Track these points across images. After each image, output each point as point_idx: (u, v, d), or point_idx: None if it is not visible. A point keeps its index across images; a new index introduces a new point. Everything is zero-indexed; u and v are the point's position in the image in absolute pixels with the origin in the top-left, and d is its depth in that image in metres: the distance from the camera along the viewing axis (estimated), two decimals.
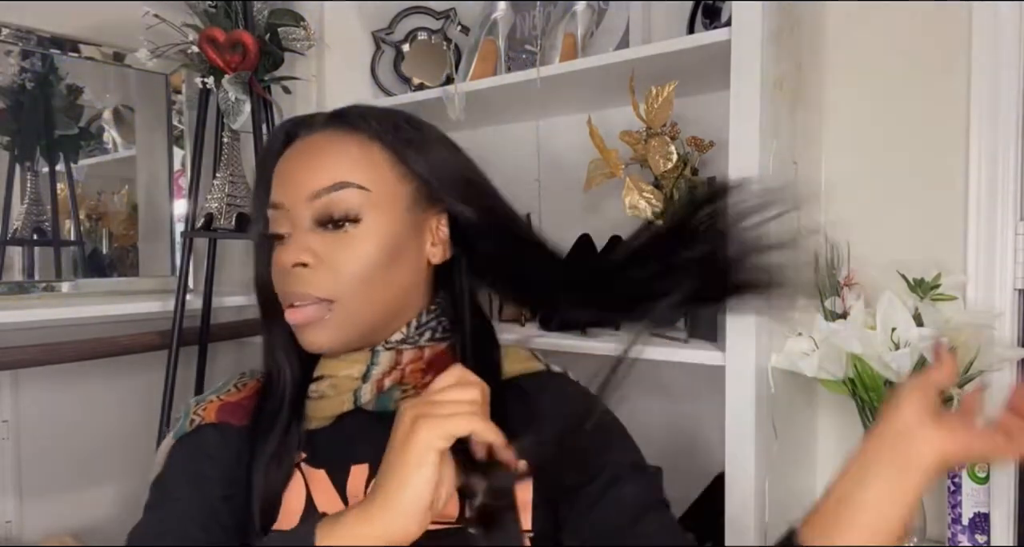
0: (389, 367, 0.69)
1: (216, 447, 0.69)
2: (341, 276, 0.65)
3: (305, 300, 0.65)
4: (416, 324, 0.71)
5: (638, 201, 1.11)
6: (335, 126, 0.70)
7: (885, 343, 0.99)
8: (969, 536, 1.00)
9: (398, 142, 0.69)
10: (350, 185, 0.66)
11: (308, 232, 0.66)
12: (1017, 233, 1.05)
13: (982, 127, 1.07)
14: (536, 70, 1.22)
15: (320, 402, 0.69)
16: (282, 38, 1.37)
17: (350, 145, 0.68)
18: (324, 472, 0.67)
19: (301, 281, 0.65)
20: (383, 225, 0.67)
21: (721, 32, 1.03)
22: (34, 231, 1.36)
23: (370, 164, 0.67)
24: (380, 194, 0.67)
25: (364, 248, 0.66)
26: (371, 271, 0.66)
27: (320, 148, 0.68)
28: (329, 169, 0.66)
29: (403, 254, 0.68)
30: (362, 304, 0.66)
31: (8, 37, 1.31)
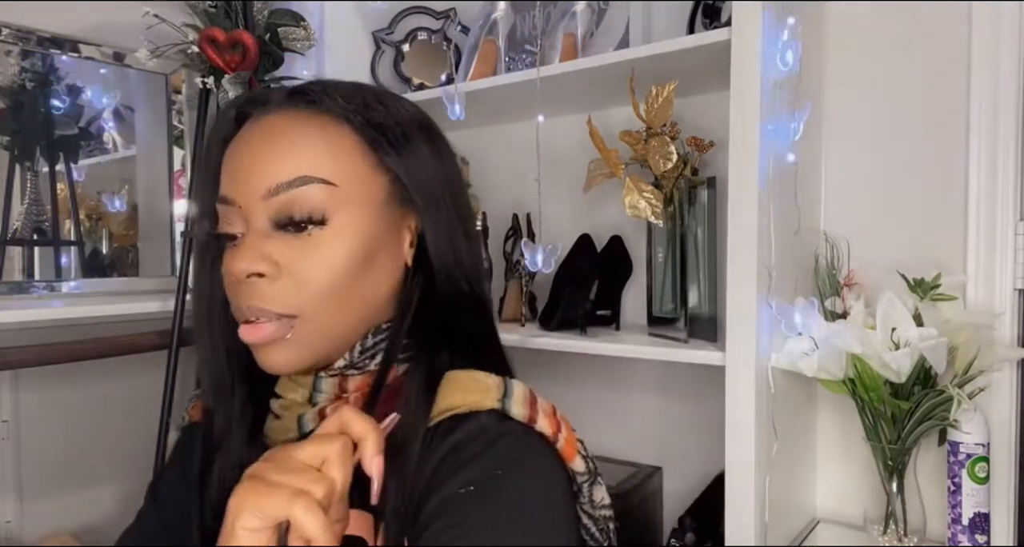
0: (333, 395, 0.60)
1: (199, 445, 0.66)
2: (305, 288, 0.55)
3: (262, 316, 0.55)
4: (360, 348, 0.59)
5: (638, 201, 1.11)
6: (294, 105, 0.58)
7: (885, 343, 0.99)
8: (969, 536, 1.00)
9: (370, 126, 0.58)
10: (313, 180, 0.55)
11: (265, 235, 0.56)
12: (1017, 233, 1.05)
13: (982, 127, 1.07)
14: (536, 70, 1.22)
15: (278, 422, 0.62)
16: (282, 38, 1.37)
17: (312, 129, 0.57)
18: None
19: (257, 294, 0.55)
20: (354, 225, 0.56)
21: (721, 32, 1.03)
22: (34, 231, 1.36)
23: (337, 152, 0.57)
24: (350, 189, 0.56)
25: (331, 254, 0.56)
26: (340, 280, 0.56)
27: (277, 133, 0.57)
28: (289, 160, 0.55)
29: (378, 257, 0.58)
30: (329, 319, 0.57)
31: (8, 37, 1.30)
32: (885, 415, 1.03)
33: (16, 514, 1.33)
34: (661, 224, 1.14)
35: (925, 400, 0.99)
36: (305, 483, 0.42)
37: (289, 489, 0.41)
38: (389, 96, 0.63)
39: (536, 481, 0.54)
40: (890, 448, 1.03)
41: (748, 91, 0.99)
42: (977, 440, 1.00)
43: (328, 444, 0.44)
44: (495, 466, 0.53)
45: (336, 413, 0.47)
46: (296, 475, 0.42)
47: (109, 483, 1.47)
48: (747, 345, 0.99)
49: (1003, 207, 1.06)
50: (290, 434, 0.60)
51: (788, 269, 1.07)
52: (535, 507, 0.53)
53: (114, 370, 1.44)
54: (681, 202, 1.15)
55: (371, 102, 0.60)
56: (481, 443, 0.54)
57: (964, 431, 0.99)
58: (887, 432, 1.03)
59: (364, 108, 0.59)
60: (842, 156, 1.20)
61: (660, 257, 1.21)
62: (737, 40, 1.00)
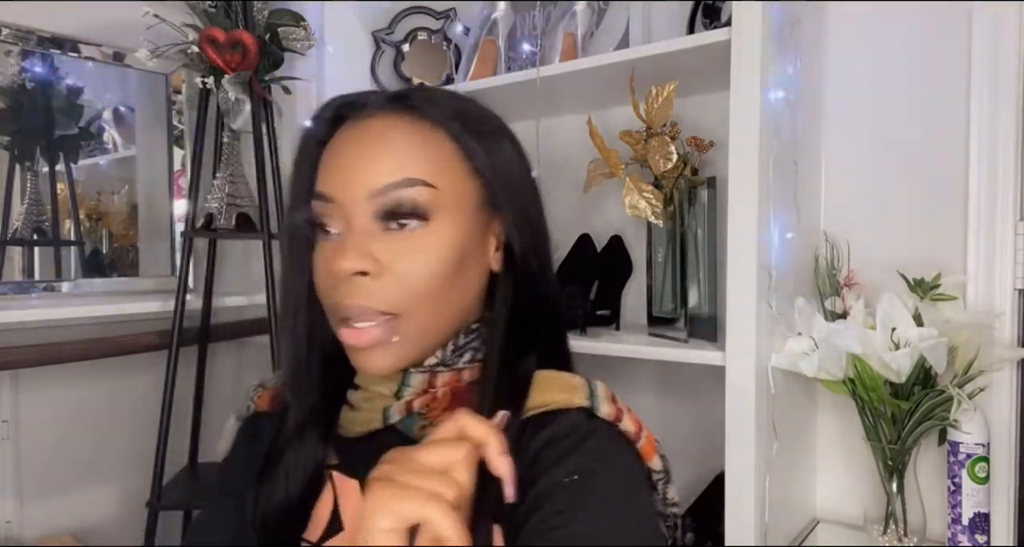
0: (421, 389, 0.62)
1: (265, 436, 0.66)
2: (406, 286, 0.57)
3: (365, 315, 0.57)
4: (453, 346, 0.62)
5: (638, 201, 1.11)
6: (396, 110, 0.61)
7: (885, 343, 0.99)
8: (969, 536, 1.00)
9: (466, 133, 0.61)
10: (417, 182, 0.57)
11: (367, 234, 0.57)
12: (1017, 233, 1.05)
13: (982, 127, 1.07)
14: (536, 70, 1.22)
15: (355, 414, 0.64)
16: (282, 38, 1.37)
17: (414, 135, 0.59)
18: (357, 484, 0.62)
19: (361, 292, 0.57)
20: (451, 227, 0.59)
21: (721, 32, 1.03)
22: (34, 231, 1.36)
23: (436, 157, 0.59)
24: (448, 192, 0.59)
25: (431, 253, 0.58)
26: (438, 280, 0.58)
27: (381, 136, 0.59)
28: (395, 162, 0.57)
29: (469, 259, 0.61)
30: (427, 318, 0.58)
31: (8, 37, 1.31)
32: (885, 415, 1.03)
33: (16, 514, 1.33)
34: (661, 224, 1.14)
35: (925, 400, 0.99)
36: (437, 486, 0.43)
37: (423, 492, 0.43)
38: (477, 105, 0.65)
39: (627, 476, 0.58)
40: (890, 448, 1.03)
41: (748, 91, 0.99)
42: (977, 440, 1.00)
43: (454, 449, 0.45)
44: (591, 460, 0.56)
45: (453, 417, 0.47)
46: (427, 478, 0.43)
47: (109, 483, 1.47)
48: (747, 345, 0.99)
49: (1003, 207, 1.06)
50: (372, 425, 0.62)
51: (788, 269, 1.07)
52: (629, 501, 0.56)
53: (114, 370, 1.44)
54: (681, 202, 1.15)
55: (464, 110, 0.62)
56: (575, 439, 0.57)
57: (964, 431, 0.99)
58: (887, 432, 1.03)
59: (460, 116, 0.61)
60: (842, 156, 1.20)
61: (660, 257, 1.21)
62: (737, 40, 1.00)
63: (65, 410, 1.41)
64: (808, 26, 1.14)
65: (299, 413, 0.64)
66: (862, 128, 1.19)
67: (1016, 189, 1.05)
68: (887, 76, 1.17)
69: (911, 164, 1.15)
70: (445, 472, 0.44)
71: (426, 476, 0.44)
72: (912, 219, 1.15)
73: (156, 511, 1.30)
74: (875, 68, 1.18)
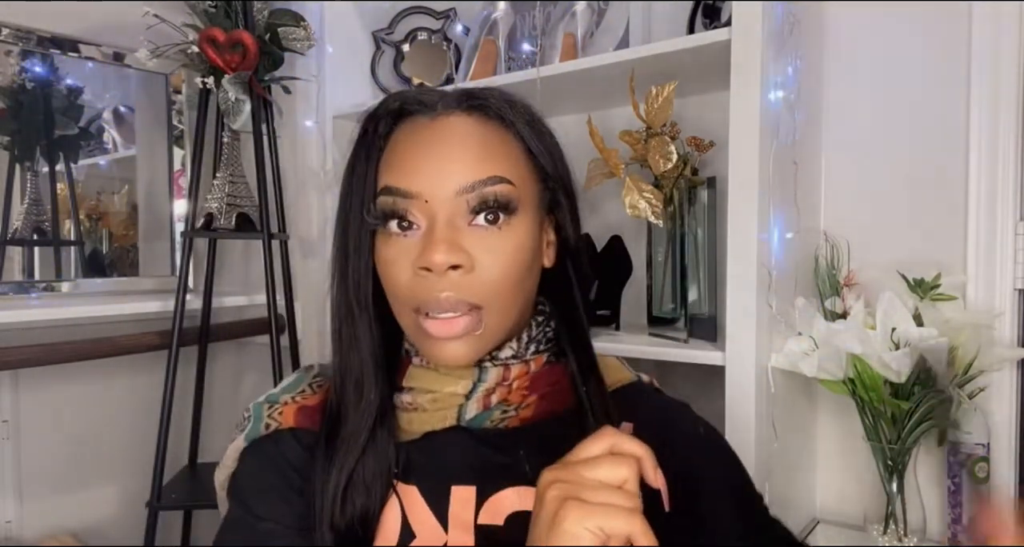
0: (495, 384, 0.63)
1: (297, 456, 0.63)
2: (492, 279, 0.59)
3: (456, 307, 0.58)
4: (527, 338, 0.65)
5: (638, 201, 1.11)
6: (470, 110, 0.62)
7: (885, 343, 0.99)
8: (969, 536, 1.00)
9: (533, 135, 0.63)
10: (503, 179, 0.59)
11: (456, 229, 0.58)
12: (1017, 233, 1.05)
13: (982, 127, 1.07)
14: (536, 70, 1.22)
15: (415, 415, 0.63)
16: (282, 38, 1.37)
17: (490, 133, 0.61)
18: (416, 490, 0.62)
19: (453, 285, 0.57)
20: (526, 223, 0.61)
21: (721, 32, 1.03)
22: (34, 231, 1.36)
23: (513, 157, 0.62)
24: (523, 189, 0.61)
25: (513, 248, 0.60)
26: (518, 273, 0.60)
27: (464, 135, 0.60)
28: (482, 160, 0.59)
29: (535, 255, 0.63)
30: (508, 311, 0.61)
31: (8, 37, 1.31)
32: (885, 415, 1.03)
33: (16, 514, 1.33)
34: (661, 224, 1.14)
35: (925, 400, 0.99)
36: (629, 502, 0.45)
37: (622, 508, 0.45)
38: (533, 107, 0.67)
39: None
40: (890, 448, 1.03)
41: (748, 91, 0.99)
42: (977, 440, 1.00)
43: (623, 465, 0.47)
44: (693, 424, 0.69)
45: (599, 435, 0.49)
46: (616, 495, 0.46)
47: (109, 483, 1.47)
48: (747, 345, 0.99)
49: (1003, 207, 1.06)
50: (445, 424, 0.63)
51: (788, 269, 1.07)
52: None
53: (114, 370, 1.44)
54: (681, 202, 1.15)
55: (528, 111, 0.64)
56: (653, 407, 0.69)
57: (964, 431, 0.99)
58: (887, 432, 1.03)
59: (526, 117, 0.64)
60: (842, 156, 1.20)
61: (660, 257, 1.21)
62: (737, 40, 1.00)
63: (65, 410, 1.41)
64: (808, 26, 1.14)
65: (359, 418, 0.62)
66: (862, 128, 1.19)
67: (1016, 189, 1.05)
68: (887, 76, 1.17)
69: (911, 164, 1.15)
70: (622, 487, 0.46)
71: (612, 492, 0.45)
72: (912, 219, 1.15)
73: (156, 511, 1.30)
74: (875, 68, 1.18)
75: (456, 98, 0.63)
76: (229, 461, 0.65)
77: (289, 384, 0.69)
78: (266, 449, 0.64)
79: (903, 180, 1.15)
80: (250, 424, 0.65)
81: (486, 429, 0.63)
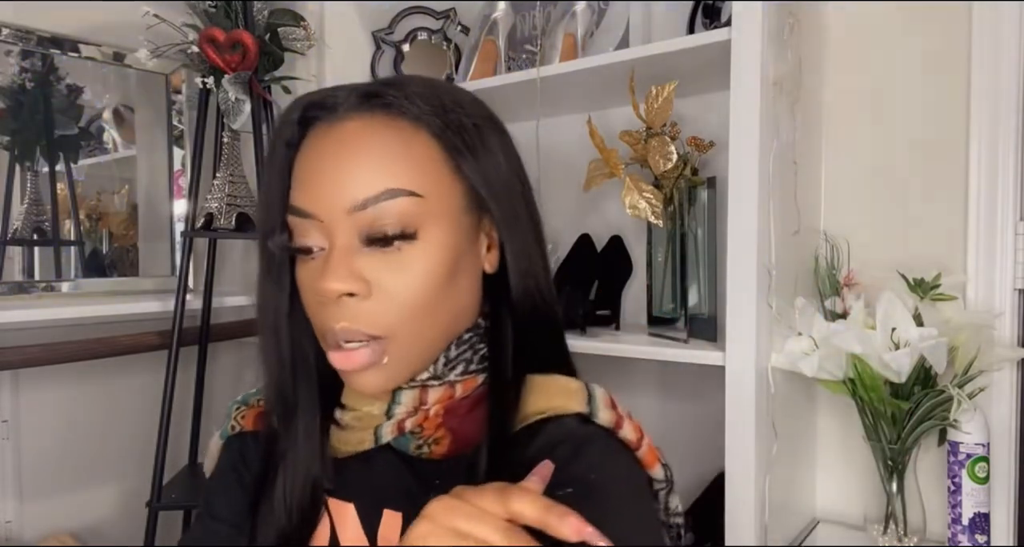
0: (413, 407, 0.58)
1: (254, 458, 0.63)
2: (396, 307, 0.53)
3: (354, 338, 0.53)
4: (444, 359, 0.58)
5: (638, 201, 1.11)
6: (370, 110, 0.55)
7: (885, 343, 0.99)
8: (969, 536, 1.00)
9: (448, 129, 0.55)
10: (401, 192, 0.52)
11: (351, 251, 0.53)
12: (1017, 233, 1.05)
13: (982, 127, 1.07)
14: (536, 70, 1.22)
15: (345, 433, 0.60)
16: (282, 38, 1.37)
17: (392, 137, 0.54)
18: (353, 508, 0.59)
19: (349, 314, 0.53)
20: (440, 238, 0.54)
21: (721, 32, 1.03)
22: (34, 231, 1.36)
23: (419, 161, 0.54)
24: (435, 198, 0.54)
25: (422, 269, 0.53)
26: (430, 296, 0.54)
27: (357, 142, 0.53)
28: (375, 171, 0.52)
29: (462, 267, 0.56)
30: (419, 337, 0.55)
31: (8, 37, 1.30)
32: (885, 415, 1.03)
33: (16, 514, 1.33)
34: (661, 224, 1.14)
35: (925, 400, 0.99)
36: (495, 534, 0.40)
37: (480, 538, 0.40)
38: (462, 94, 0.59)
39: (626, 486, 0.55)
40: (890, 448, 1.03)
41: (748, 91, 0.99)
42: (977, 440, 1.00)
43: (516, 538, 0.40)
44: (585, 470, 0.53)
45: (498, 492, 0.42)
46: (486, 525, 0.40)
47: (109, 483, 1.47)
48: (747, 345, 0.99)
49: (1003, 207, 1.06)
50: (364, 446, 0.59)
51: (788, 269, 1.07)
52: (630, 511, 0.53)
53: (114, 370, 1.44)
54: (681, 202, 1.15)
55: (448, 103, 0.56)
56: (569, 448, 0.54)
57: (964, 431, 0.99)
58: (887, 432, 1.03)
59: (442, 111, 0.56)
60: (842, 156, 1.20)
61: (660, 257, 1.21)
62: (737, 40, 1.00)
63: (65, 410, 1.41)
64: (808, 26, 1.14)
65: (288, 435, 0.60)
66: (862, 128, 1.19)
67: (1016, 189, 1.05)
68: (887, 76, 1.17)
69: (911, 164, 1.15)
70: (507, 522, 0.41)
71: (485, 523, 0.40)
72: (912, 219, 1.15)
73: (156, 511, 1.30)
74: (875, 68, 1.18)
75: (359, 97, 0.56)
76: (210, 455, 0.67)
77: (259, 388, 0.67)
78: (231, 448, 0.65)
79: (903, 180, 1.15)
80: (226, 422, 0.67)
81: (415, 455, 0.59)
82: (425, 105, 0.55)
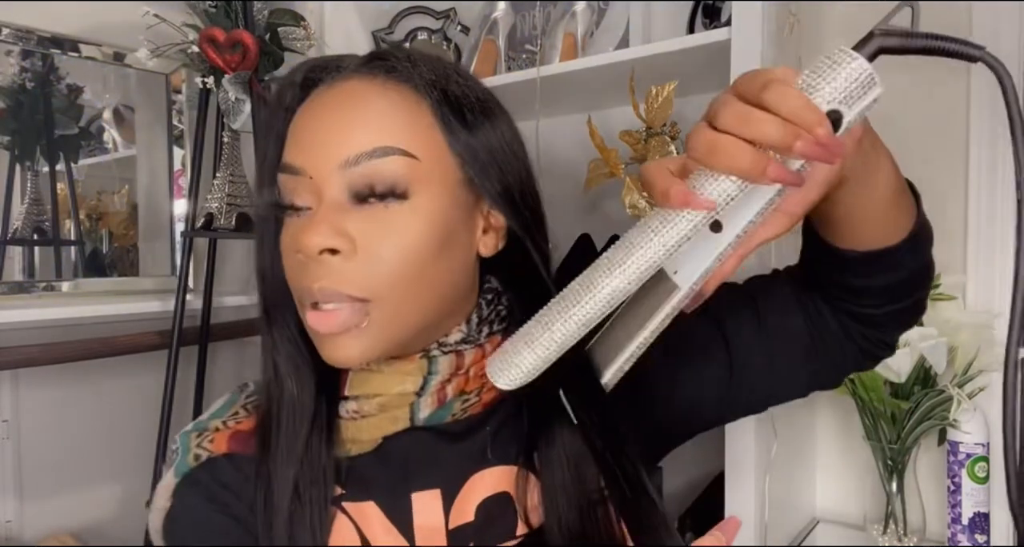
0: (450, 374, 0.55)
1: (235, 480, 0.56)
2: (382, 268, 0.50)
3: (333, 299, 0.50)
4: (477, 319, 0.57)
5: (638, 201, 1.11)
6: (372, 71, 0.54)
7: None
8: (969, 536, 1.00)
9: (446, 103, 0.53)
10: (395, 151, 0.50)
11: (340, 209, 0.51)
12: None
13: (982, 127, 1.07)
14: (536, 70, 1.22)
15: (362, 423, 0.56)
16: (282, 38, 1.37)
17: (392, 97, 0.52)
18: (374, 504, 0.56)
19: (330, 273, 0.50)
20: (432, 203, 0.52)
21: (721, 32, 1.03)
22: (34, 231, 1.36)
23: (418, 125, 0.52)
24: (430, 164, 0.52)
25: (411, 232, 0.51)
26: (419, 261, 0.51)
27: (357, 100, 0.52)
28: (370, 128, 0.51)
29: (455, 240, 0.54)
30: (406, 305, 0.52)
31: (8, 37, 1.30)
32: (885, 415, 1.03)
33: (16, 514, 1.33)
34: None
35: (925, 400, 0.99)
36: None
37: None
38: (465, 74, 0.58)
39: None
40: (890, 448, 1.03)
41: None
42: (977, 440, 1.00)
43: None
44: None
45: None
46: None
47: (109, 483, 1.47)
48: None
49: (1003, 207, 1.05)
50: (399, 427, 0.56)
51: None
52: None
53: (114, 370, 1.44)
54: None
55: (447, 76, 0.55)
56: None
57: (964, 431, 0.99)
58: (887, 432, 1.03)
59: (445, 81, 0.54)
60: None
61: None
62: (737, 40, 1.00)
63: (65, 410, 1.40)
64: (808, 26, 1.14)
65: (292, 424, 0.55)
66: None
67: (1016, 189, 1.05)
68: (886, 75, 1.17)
69: (911, 163, 1.15)
70: None
71: None
72: None
73: None
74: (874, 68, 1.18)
75: (363, 60, 0.55)
76: (160, 501, 0.56)
77: (219, 409, 0.61)
78: (200, 480, 0.56)
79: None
80: (178, 457, 0.57)
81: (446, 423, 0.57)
82: (429, 74, 0.54)
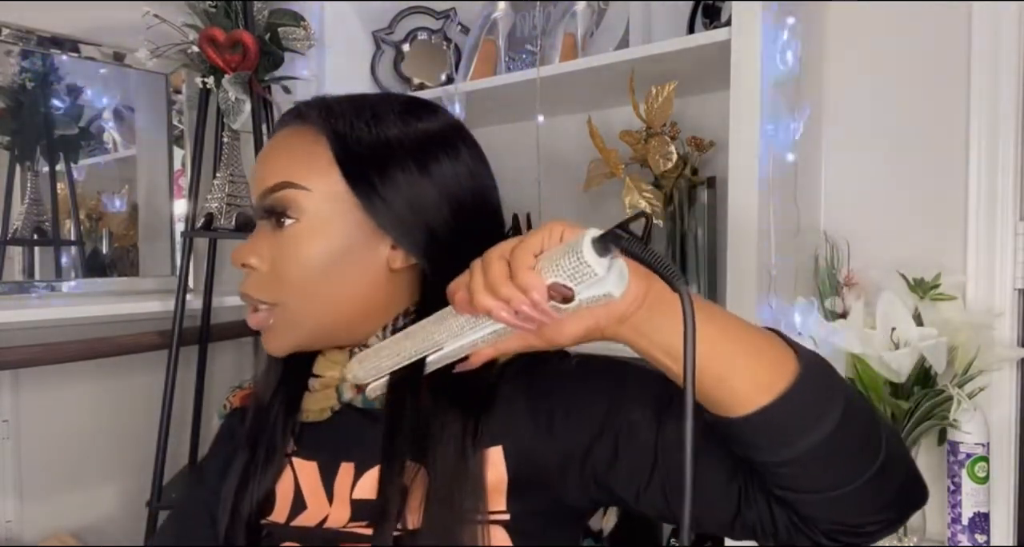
0: None
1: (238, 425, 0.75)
2: (280, 280, 0.64)
3: (254, 303, 0.65)
4: (392, 327, 0.67)
5: (638, 201, 1.11)
6: (298, 119, 0.68)
7: (885, 343, 0.99)
8: (969, 536, 1.00)
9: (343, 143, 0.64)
10: (289, 185, 0.63)
11: (263, 231, 0.66)
12: (1017, 233, 1.05)
13: (982, 127, 1.07)
14: (536, 70, 1.22)
15: (313, 396, 0.70)
16: (282, 38, 1.37)
17: (296, 142, 0.66)
18: (315, 465, 0.68)
19: (248, 283, 0.66)
20: (323, 226, 0.63)
21: (721, 32, 1.03)
22: (34, 231, 1.36)
23: (314, 163, 0.64)
24: (321, 194, 0.63)
25: (304, 251, 0.63)
26: (311, 274, 0.63)
27: (276, 144, 0.67)
28: (275, 167, 0.65)
29: (352, 256, 0.64)
30: (306, 307, 0.64)
31: (8, 37, 1.30)
32: (885, 415, 1.03)
33: (16, 514, 1.33)
34: (661, 224, 1.14)
35: (925, 400, 0.99)
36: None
37: None
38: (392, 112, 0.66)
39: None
40: None
41: (748, 91, 0.99)
42: (977, 440, 1.00)
43: None
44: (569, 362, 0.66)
45: None
46: None
47: (109, 483, 1.47)
48: None
49: (1003, 207, 1.05)
50: (329, 402, 0.68)
51: (788, 269, 1.07)
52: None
53: (114, 370, 1.44)
54: (681, 202, 1.16)
55: (357, 121, 0.65)
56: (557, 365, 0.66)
57: (964, 431, 0.99)
58: None
59: (348, 126, 0.65)
60: (842, 156, 1.20)
61: None
62: (737, 40, 1.00)
63: (65, 410, 1.41)
64: (808, 26, 1.14)
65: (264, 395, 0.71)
66: (862, 128, 1.19)
67: (1016, 189, 1.05)
68: (887, 76, 1.17)
69: (911, 164, 1.15)
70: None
71: None
72: (912, 219, 1.14)
73: (156, 511, 1.30)
74: (875, 68, 1.18)
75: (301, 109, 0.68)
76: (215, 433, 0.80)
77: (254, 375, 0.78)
78: (224, 425, 0.79)
79: (903, 180, 1.15)
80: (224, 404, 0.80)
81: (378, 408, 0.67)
82: (332, 119, 0.65)
